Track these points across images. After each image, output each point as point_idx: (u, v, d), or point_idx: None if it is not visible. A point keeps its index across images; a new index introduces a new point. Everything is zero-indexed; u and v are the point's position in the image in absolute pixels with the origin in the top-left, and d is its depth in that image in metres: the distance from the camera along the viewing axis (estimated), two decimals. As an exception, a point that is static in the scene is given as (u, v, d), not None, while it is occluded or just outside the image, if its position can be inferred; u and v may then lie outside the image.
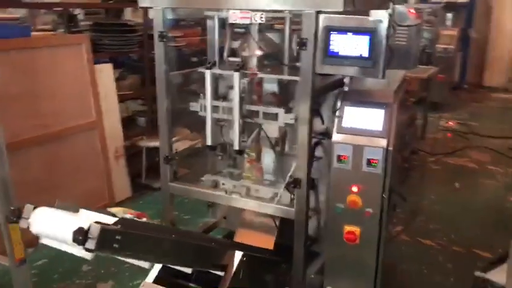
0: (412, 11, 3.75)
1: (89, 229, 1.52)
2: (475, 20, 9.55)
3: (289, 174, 2.57)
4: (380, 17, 2.18)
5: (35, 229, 1.64)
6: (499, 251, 3.35)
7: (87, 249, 1.54)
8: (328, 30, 2.21)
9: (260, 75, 2.58)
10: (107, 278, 3.13)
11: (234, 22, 2.49)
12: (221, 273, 2.39)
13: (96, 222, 1.58)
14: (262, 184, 2.79)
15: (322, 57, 2.25)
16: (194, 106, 2.80)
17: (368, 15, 2.32)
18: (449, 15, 8.63)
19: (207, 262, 2.28)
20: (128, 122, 4.63)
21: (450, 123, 6.85)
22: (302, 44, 2.26)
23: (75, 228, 1.52)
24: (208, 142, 2.68)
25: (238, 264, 2.40)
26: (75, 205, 1.77)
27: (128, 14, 5.27)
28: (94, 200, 3.82)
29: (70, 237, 1.51)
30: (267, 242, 2.88)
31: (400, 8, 2.91)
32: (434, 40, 7.33)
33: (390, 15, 2.78)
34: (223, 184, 2.85)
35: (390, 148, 2.30)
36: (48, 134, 3.49)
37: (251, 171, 2.87)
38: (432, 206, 4.17)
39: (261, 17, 2.40)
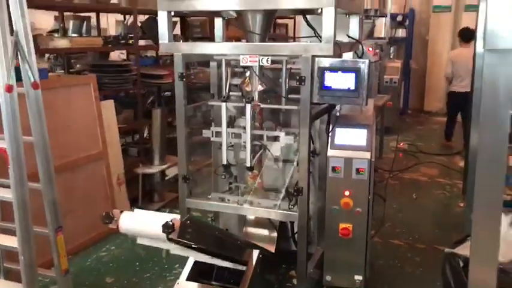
0: (370, 49, 4.54)
1: (172, 223, 2.04)
2: (414, 52, 10.71)
3: (286, 185, 3.17)
4: (364, 58, 2.87)
5: (124, 228, 2.11)
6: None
7: (170, 239, 2.05)
8: (323, 69, 2.86)
9: (269, 106, 3.18)
10: (130, 287, 3.55)
11: (245, 65, 3.08)
12: (240, 269, 2.90)
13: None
14: (263, 197, 3.36)
15: (318, 90, 2.89)
16: (206, 133, 3.36)
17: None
18: (392, 49, 9.68)
19: (236, 257, 2.80)
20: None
21: (401, 144, 7.69)
22: (301, 80, 2.89)
23: (163, 222, 2.02)
24: (224, 162, 3.24)
25: (256, 261, 2.94)
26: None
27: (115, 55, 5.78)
28: (101, 223, 4.22)
29: (160, 230, 2.01)
30: (268, 248, 3.45)
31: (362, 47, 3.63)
32: (382, 71, 8.25)
33: (358, 55, 3.51)
34: (228, 200, 3.39)
35: (373, 159, 2.95)
36: (64, 164, 3.90)
37: (254, 186, 3.43)
38: (396, 214, 4.86)
39: (267, 60, 3.01)
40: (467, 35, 7.47)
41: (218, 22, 3.84)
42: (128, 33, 5.67)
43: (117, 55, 6.89)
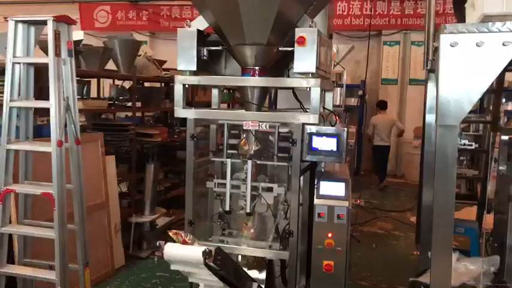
0: (337, 118, 5.33)
1: (210, 251, 2.62)
2: (365, 118, 11.87)
3: (274, 228, 3.82)
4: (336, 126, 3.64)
5: (168, 255, 2.67)
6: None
7: (207, 264, 2.62)
8: (311, 134, 3.60)
9: (265, 162, 3.87)
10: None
11: (247, 128, 3.78)
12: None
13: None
14: (257, 239, 3.97)
15: (307, 150, 3.61)
16: (209, 184, 3.98)
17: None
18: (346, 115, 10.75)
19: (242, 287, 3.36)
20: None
21: (358, 201, 8.52)
22: (293, 142, 3.61)
23: (202, 250, 2.60)
24: (227, 208, 3.85)
25: (254, 293, 3.51)
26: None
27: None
28: (101, 267, 4.66)
29: (200, 256, 2.58)
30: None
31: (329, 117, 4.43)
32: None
33: (331, 123, 4.28)
34: (227, 242, 3.97)
35: (350, 207, 3.66)
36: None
37: (248, 230, 4.04)
38: (360, 260, 5.55)
39: (266, 126, 3.73)
40: (383, 105, 10.56)
41: (215, 92, 4.57)
42: (119, 95, 6.31)
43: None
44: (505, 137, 3.77)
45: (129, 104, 5.80)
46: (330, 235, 3.66)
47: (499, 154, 3.78)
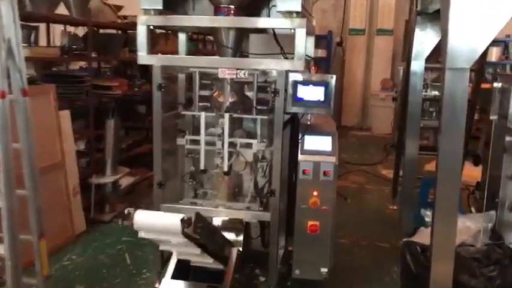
0: (313, 67, 4.98)
1: (188, 218, 2.24)
2: (332, 71, 11.54)
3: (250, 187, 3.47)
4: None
5: (139, 225, 2.27)
6: (393, 241, 4.62)
7: (185, 233, 2.25)
8: (296, 83, 3.21)
9: (243, 116, 3.46)
10: (101, 293, 3.61)
11: (223, 77, 3.34)
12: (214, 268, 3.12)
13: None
14: (234, 200, 3.62)
15: (291, 101, 3.23)
16: (181, 141, 3.56)
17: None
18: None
19: (221, 254, 3.02)
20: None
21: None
22: (276, 92, 3.22)
23: (180, 218, 2.22)
24: (202, 167, 3.45)
25: (236, 258, 3.19)
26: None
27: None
28: (60, 234, 4.23)
29: (178, 225, 2.20)
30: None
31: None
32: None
33: (310, 71, 3.92)
34: (201, 204, 3.60)
35: (337, 163, 3.34)
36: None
37: (224, 189, 3.68)
38: (338, 215, 5.32)
39: (245, 74, 3.30)
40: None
41: (182, 37, 4.07)
42: (72, 44, 5.68)
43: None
44: (497, 84, 3.49)
45: (84, 53, 5.20)
46: (315, 193, 3.35)
47: (492, 103, 3.51)
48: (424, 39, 4.49)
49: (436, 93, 8.31)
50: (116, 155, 5.02)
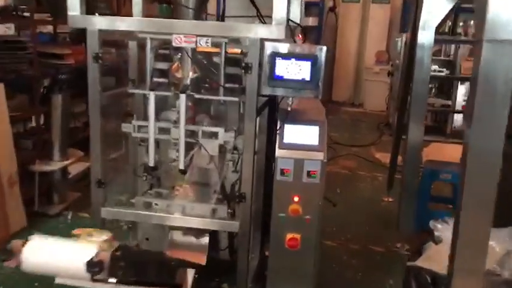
0: (300, 36, 4.19)
1: (99, 260, 1.50)
2: (324, 41, 10.68)
3: (217, 186, 2.72)
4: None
5: (30, 266, 1.54)
6: (389, 244, 3.95)
7: (97, 280, 1.52)
8: (274, 56, 2.43)
9: (206, 97, 2.69)
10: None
11: (178, 46, 2.55)
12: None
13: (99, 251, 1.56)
14: (198, 200, 2.89)
15: (267, 80, 2.46)
16: (126, 127, 2.79)
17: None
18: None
19: (170, 281, 2.30)
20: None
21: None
22: (247, 68, 2.45)
23: (85, 257, 1.49)
24: (151, 163, 2.70)
25: (192, 282, 2.47)
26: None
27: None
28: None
29: (83, 269, 1.47)
30: (198, 259, 2.96)
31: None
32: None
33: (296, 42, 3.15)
34: (156, 204, 2.87)
35: (325, 160, 2.60)
36: None
37: (185, 189, 2.94)
38: (323, 211, 4.62)
39: (207, 42, 2.52)
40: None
41: (136, -5, 3.25)
42: (20, 4, 4.79)
43: (2, 30, 5.88)
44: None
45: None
46: (296, 199, 2.62)
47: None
48: (433, 7, 3.72)
49: (437, 67, 7.58)
50: (64, 137, 4.23)
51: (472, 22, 9.39)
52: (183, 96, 2.54)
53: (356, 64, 10.84)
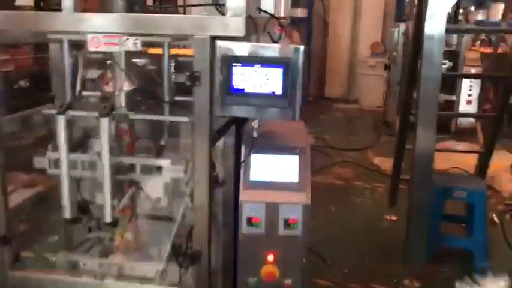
0: (279, 28, 3.46)
1: None
2: (314, 34, 9.92)
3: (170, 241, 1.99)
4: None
5: None
6: (395, 281, 3.24)
7: None
8: (230, 60, 1.70)
9: (141, 117, 1.96)
10: None
11: (95, 50, 1.81)
12: None
13: None
14: (140, 259, 2.15)
15: (223, 94, 1.73)
16: (40, 162, 2.05)
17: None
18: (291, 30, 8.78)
19: None
20: None
21: (309, 138, 6.81)
22: (194, 78, 1.72)
23: None
24: (67, 215, 1.96)
25: None
26: None
27: None
28: None
29: None
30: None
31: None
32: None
33: (273, 39, 2.42)
34: (84, 264, 2.14)
35: (309, 202, 1.88)
36: None
37: (125, 242, 2.20)
38: (315, 235, 3.90)
39: (135, 43, 1.78)
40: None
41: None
42: None
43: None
44: None
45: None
46: (271, 258, 1.89)
47: None
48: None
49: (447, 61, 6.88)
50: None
51: (472, 8, 8.76)
52: (104, 121, 1.81)
53: (349, 57, 10.09)
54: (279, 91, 1.69)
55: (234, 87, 1.71)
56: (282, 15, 8.97)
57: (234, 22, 1.68)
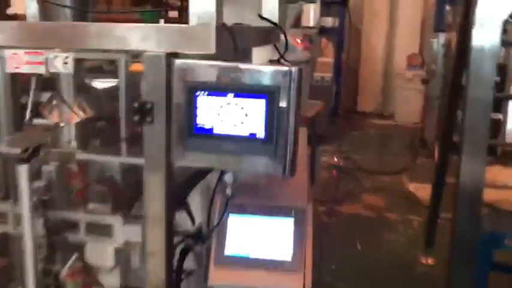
0: (299, 41, 2.95)
1: None
2: (346, 44, 9.31)
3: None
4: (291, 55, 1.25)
5: None
6: None
7: None
8: (192, 88, 1.18)
9: (83, 156, 1.47)
10: None
11: (15, 71, 1.33)
12: None
13: None
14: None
15: (182, 137, 1.21)
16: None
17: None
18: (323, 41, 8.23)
19: None
20: None
21: (335, 158, 6.23)
22: (145, 111, 1.21)
23: None
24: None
25: None
26: None
27: None
28: None
29: None
30: None
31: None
32: (311, 69, 6.75)
33: (278, 51, 1.89)
34: None
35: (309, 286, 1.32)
36: None
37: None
38: (336, 283, 3.33)
39: (65, 62, 1.29)
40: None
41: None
42: None
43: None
44: None
45: None
46: None
47: None
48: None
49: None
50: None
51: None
52: (21, 169, 1.31)
53: (384, 69, 9.44)
54: (261, 132, 1.16)
55: (199, 125, 1.19)
56: (311, 24, 8.40)
57: (200, 33, 1.17)
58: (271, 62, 1.77)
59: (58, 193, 1.56)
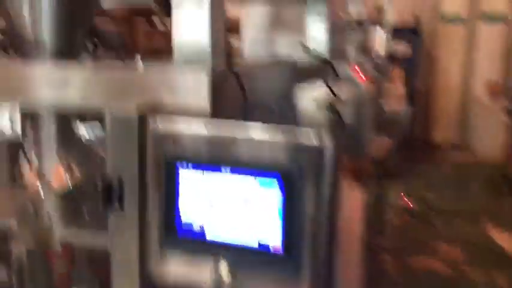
0: (357, 69, 2.51)
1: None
2: (420, 72, 8.71)
3: None
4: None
5: None
6: None
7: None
8: (172, 163, 0.78)
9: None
10: None
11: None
12: None
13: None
14: None
15: (161, 239, 0.81)
16: None
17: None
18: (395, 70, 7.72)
19: None
20: None
21: (405, 199, 5.61)
22: (108, 196, 0.83)
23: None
24: None
25: None
26: None
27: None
28: None
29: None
30: None
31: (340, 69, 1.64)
32: (380, 98, 6.24)
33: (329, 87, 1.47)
34: None
35: None
36: None
37: None
38: None
39: (12, 120, 0.94)
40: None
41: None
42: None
43: None
44: None
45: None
46: None
47: None
48: None
49: None
50: None
51: None
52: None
53: (461, 97, 8.75)
54: (275, 240, 0.73)
55: (184, 222, 0.78)
56: (380, 52, 7.78)
57: (189, 82, 0.78)
58: (318, 102, 1.36)
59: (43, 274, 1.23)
